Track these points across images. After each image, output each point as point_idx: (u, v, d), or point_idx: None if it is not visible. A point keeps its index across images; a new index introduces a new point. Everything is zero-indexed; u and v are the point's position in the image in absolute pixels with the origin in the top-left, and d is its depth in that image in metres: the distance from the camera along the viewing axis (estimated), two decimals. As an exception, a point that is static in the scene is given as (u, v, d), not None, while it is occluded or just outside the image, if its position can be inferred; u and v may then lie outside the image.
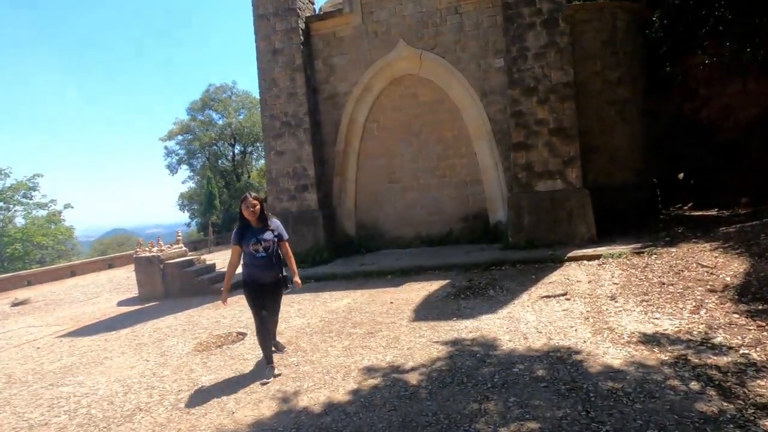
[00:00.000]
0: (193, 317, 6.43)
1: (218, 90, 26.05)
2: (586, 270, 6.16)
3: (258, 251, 3.68)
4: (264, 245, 3.70)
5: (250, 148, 27.66)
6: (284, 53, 9.68)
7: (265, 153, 10.46)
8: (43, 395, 4.01)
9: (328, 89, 10.05)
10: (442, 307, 5.26)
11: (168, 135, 26.41)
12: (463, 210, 9.53)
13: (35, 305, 9.45)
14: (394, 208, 10.00)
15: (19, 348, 5.81)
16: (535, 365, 3.32)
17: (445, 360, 3.65)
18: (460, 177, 9.54)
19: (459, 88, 9.23)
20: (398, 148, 9.91)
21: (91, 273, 14.10)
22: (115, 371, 4.43)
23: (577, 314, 4.37)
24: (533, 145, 8.14)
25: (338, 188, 10.15)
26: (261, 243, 3.68)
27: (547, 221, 7.94)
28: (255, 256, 3.69)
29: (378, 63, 9.69)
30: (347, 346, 4.30)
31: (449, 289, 6.15)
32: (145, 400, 3.63)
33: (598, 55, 9.08)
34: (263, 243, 3.70)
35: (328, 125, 10.11)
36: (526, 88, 8.11)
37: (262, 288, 3.77)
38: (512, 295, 5.38)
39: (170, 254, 8.60)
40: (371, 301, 6.00)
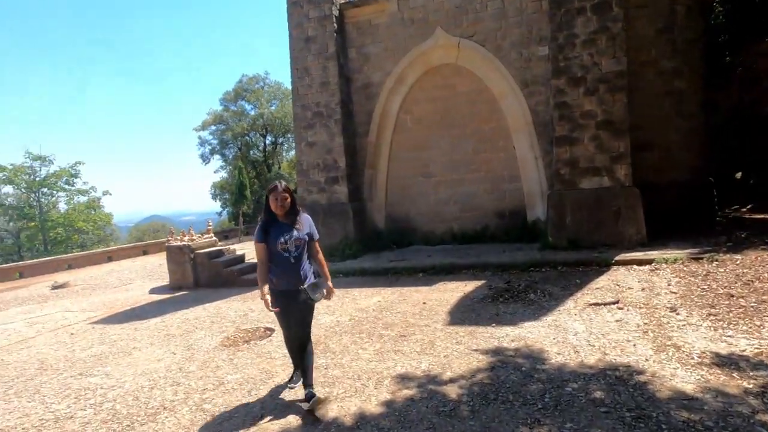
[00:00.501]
0: (221, 309, 6.35)
1: (251, 80, 26.27)
2: (638, 275, 5.67)
3: (287, 251, 3.02)
4: (294, 244, 3.04)
5: (281, 139, 27.81)
6: (317, 41, 9.46)
7: (295, 144, 10.33)
8: (72, 385, 3.96)
9: (361, 79, 9.77)
10: (479, 311, 4.93)
11: (202, 125, 26.90)
12: (499, 206, 9.09)
13: (73, 289, 9.71)
14: (426, 203, 9.66)
15: (54, 333, 5.88)
16: (591, 385, 2.96)
17: (486, 372, 3.34)
18: (497, 172, 9.09)
19: (498, 77, 8.75)
20: (432, 141, 9.54)
21: (126, 259, 14.49)
22: (143, 363, 4.35)
23: (633, 326, 3.95)
24: (578, 140, 7.60)
25: (369, 181, 9.90)
26: (290, 241, 3.03)
27: (591, 221, 7.42)
28: (282, 256, 3.02)
29: (413, 52, 9.33)
30: (378, 350, 4.05)
31: (486, 290, 5.80)
32: (170, 397, 3.49)
33: (652, 43, 8.37)
34: (293, 241, 3.04)
35: (361, 116, 9.84)
36: (572, 78, 7.56)
37: (289, 296, 3.07)
38: (556, 301, 4.98)
39: (200, 244, 8.60)
40: (402, 301, 5.73)
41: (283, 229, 3.06)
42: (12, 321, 6.87)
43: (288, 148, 28.85)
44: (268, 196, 3.08)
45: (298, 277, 3.08)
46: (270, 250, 3.06)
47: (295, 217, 3.10)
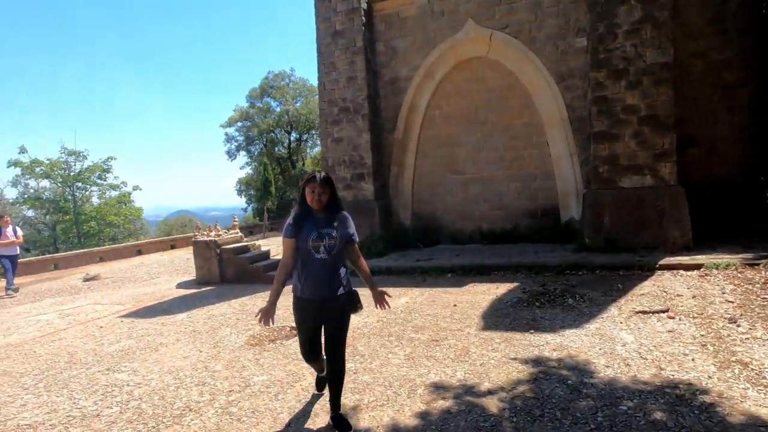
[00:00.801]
0: (247, 306, 6.28)
1: (277, 77, 26.45)
2: (686, 282, 5.28)
3: (319, 251, 2.60)
4: (328, 243, 2.60)
5: (306, 136, 27.93)
6: (344, 35, 9.30)
7: (321, 140, 10.21)
8: (99, 381, 3.92)
9: (388, 73, 9.57)
10: (514, 316, 4.67)
11: (228, 122, 27.28)
12: (531, 205, 8.74)
13: (104, 281, 9.90)
14: (454, 201, 9.39)
15: (84, 326, 5.94)
16: (648, 404, 2.68)
17: (528, 384, 3.10)
18: (529, 169, 8.74)
19: (532, 71, 8.39)
20: (461, 137, 9.26)
21: (155, 252, 14.75)
22: (169, 360, 4.29)
23: (689, 338, 3.62)
24: (618, 136, 7.18)
25: (395, 178, 9.70)
26: (324, 239, 2.59)
27: (631, 222, 7.01)
28: (313, 257, 2.60)
29: (443, 45, 9.06)
30: (410, 355, 3.85)
31: (519, 293, 5.52)
32: (195, 398, 3.39)
33: (701, 33, 7.84)
34: (327, 240, 2.60)
35: (388, 111, 9.64)
36: (613, 70, 7.15)
37: (318, 306, 2.64)
38: (598, 307, 4.66)
39: (226, 239, 8.60)
40: (432, 302, 5.51)
41: (317, 224, 2.62)
42: (46, 312, 7.00)
43: (312, 144, 28.94)
44: (305, 186, 2.65)
45: (329, 284, 2.63)
46: (299, 248, 2.64)
47: (333, 214, 2.67)
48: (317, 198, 2.61)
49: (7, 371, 4.38)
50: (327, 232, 2.63)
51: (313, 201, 2.62)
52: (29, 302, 8.05)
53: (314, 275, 2.62)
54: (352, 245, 2.76)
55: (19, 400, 3.66)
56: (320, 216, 2.67)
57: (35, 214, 23.03)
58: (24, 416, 3.35)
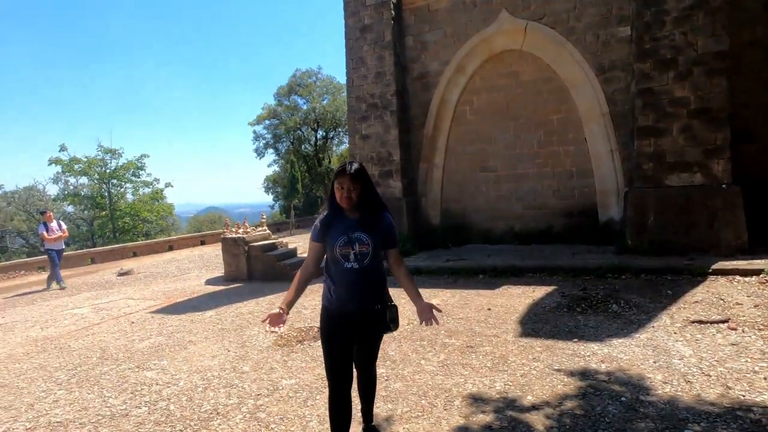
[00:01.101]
0: (275, 304, 6.20)
1: (304, 75, 26.59)
2: (745, 289, 4.85)
3: (348, 258, 2.16)
4: (358, 250, 2.16)
5: (332, 134, 28.00)
6: (373, 30, 9.13)
7: (348, 137, 10.09)
8: (129, 378, 3.90)
9: (418, 68, 9.33)
10: (554, 322, 4.39)
11: (256, 120, 27.64)
12: (567, 204, 8.35)
13: (137, 276, 10.11)
14: (484, 199, 9.09)
15: (117, 321, 6.01)
16: (719, 429, 2.39)
17: (577, 399, 2.84)
18: (565, 166, 8.34)
19: (570, 63, 7.99)
20: (493, 133, 8.94)
21: (185, 248, 15.05)
22: (197, 359, 4.24)
23: (757, 353, 3.27)
24: (665, 130, 6.72)
25: (424, 175, 9.47)
26: (354, 245, 2.16)
27: (678, 223, 6.55)
28: (342, 266, 2.18)
29: (475, 38, 8.75)
30: (443, 362, 3.65)
31: (558, 298, 5.22)
32: (223, 401, 3.30)
33: (758, 19, 7.26)
34: (357, 246, 2.16)
35: (417, 107, 9.42)
36: (660, 61, 6.69)
37: (348, 323, 2.22)
38: (646, 315, 4.32)
39: (255, 236, 8.60)
40: (464, 305, 5.28)
41: (348, 226, 2.18)
42: (81, 306, 7.16)
43: (338, 142, 29.02)
44: (334, 181, 2.21)
45: (361, 297, 2.20)
46: (328, 254, 2.24)
47: (368, 214, 2.21)
48: (347, 195, 2.14)
49: (43, 365, 4.44)
50: (358, 237, 2.16)
51: (342, 199, 2.16)
52: (66, 296, 8.28)
53: (344, 286, 2.19)
54: (391, 251, 2.30)
55: (52, 395, 3.67)
56: (352, 217, 2.20)
57: (74, 209, 24.00)
58: (56, 413, 3.35)
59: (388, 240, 2.27)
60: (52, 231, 8.98)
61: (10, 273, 11.49)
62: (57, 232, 9.04)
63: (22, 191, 26.25)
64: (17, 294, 8.89)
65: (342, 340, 2.24)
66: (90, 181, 22.65)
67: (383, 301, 2.27)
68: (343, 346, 2.25)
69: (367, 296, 2.22)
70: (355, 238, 2.18)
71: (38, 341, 5.30)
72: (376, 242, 2.20)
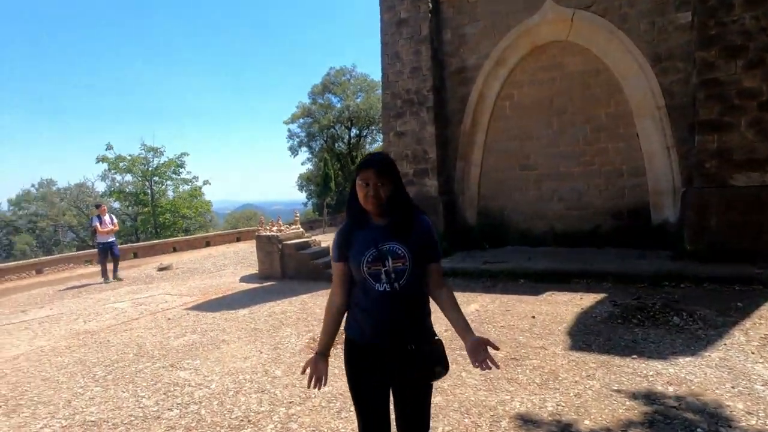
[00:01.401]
0: (307, 304, 6.11)
1: (338, 73, 26.68)
2: (831, 303, 4.28)
3: (379, 278, 1.63)
4: (392, 266, 1.63)
5: (365, 132, 27.96)
6: (410, 24, 8.87)
7: (383, 134, 9.89)
8: (163, 377, 3.87)
9: (455, 62, 9.00)
10: (607, 335, 4.01)
11: (291, 118, 27.99)
12: (615, 204, 7.80)
13: (175, 272, 10.34)
14: (524, 199, 8.66)
15: (154, 317, 6.08)
16: (826, 476, 2.01)
17: (643, 428, 2.51)
18: (614, 164, 7.79)
19: (621, 53, 7.44)
20: (534, 130, 8.49)
21: (221, 245, 15.35)
22: (229, 360, 4.16)
23: None
24: (732, 125, 6.11)
25: (461, 174, 9.14)
26: (386, 261, 1.63)
27: (746, 227, 5.94)
28: (371, 289, 1.65)
29: (516, 30, 8.32)
30: (486, 375, 3.38)
31: (609, 307, 4.81)
32: (254, 407, 3.18)
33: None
34: (390, 260, 1.63)
35: (454, 103, 9.09)
36: (727, 48, 6.08)
37: (381, 362, 1.67)
38: (716, 330, 3.88)
39: (288, 234, 8.57)
40: (505, 312, 4.96)
41: (375, 236, 1.64)
42: (122, 300, 7.33)
43: (372, 140, 28.93)
44: (356, 177, 1.68)
45: (396, 330, 1.64)
46: (355, 276, 1.69)
47: (399, 218, 1.66)
48: (373, 194, 1.61)
49: (82, 359, 4.50)
50: (391, 249, 1.62)
51: (367, 199, 1.62)
52: (110, 289, 8.54)
53: (374, 315, 1.65)
54: (432, 265, 1.71)
55: (89, 392, 3.67)
56: (379, 223, 1.67)
57: (120, 206, 25.14)
58: (91, 411, 3.33)
59: (428, 250, 1.68)
60: (105, 224, 9.31)
61: (61, 266, 12.05)
62: (109, 226, 9.37)
63: (73, 188, 27.79)
64: (72, 287, 9.26)
65: (373, 386, 1.69)
66: (134, 178, 23.68)
67: (425, 336, 1.68)
68: (376, 393, 1.70)
69: (404, 329, 1.64)
70: (386, 250, 1.62)
71: (80, 335, 5.42)
72: (415, 254, 1.64)
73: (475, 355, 1.55)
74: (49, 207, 27.39)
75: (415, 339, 1.63)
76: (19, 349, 4.99)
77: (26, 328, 5.91)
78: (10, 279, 10.53)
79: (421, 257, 1.67)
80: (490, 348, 1.57)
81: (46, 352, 4.81)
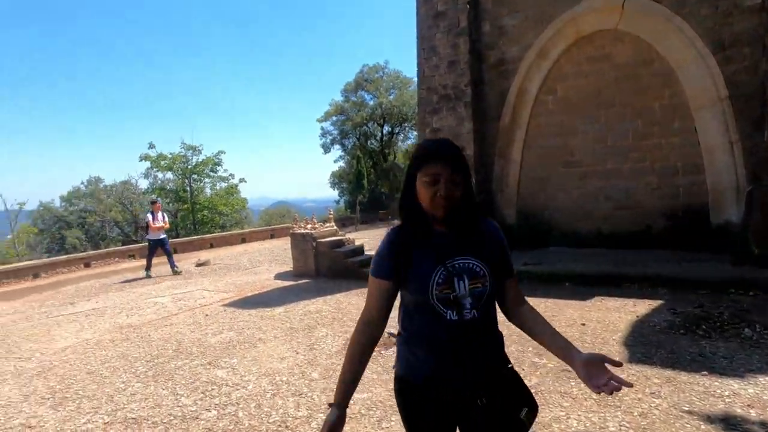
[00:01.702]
0: (342, 304, 6.02)
1: (371, 70, 26.60)
2: None
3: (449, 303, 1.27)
4: (470, 287, 1.27)
5: (398, 129, 27.77)
6: (447, 16, 8.61)
7: (418, 131, 9.69)
8: (201, 376, 3.85)
9: (494, 55, 8.66)
10: (670, 346, 3.67)
11: (324, 116, 28.17)
12: (669, 204, 7.28)
13: (213, 267, 10.55)
14: (568, 197, 8.24)
15: (192, 312, 6.16)
16: None
17: (725, 458, 2.22)
18: (668, 161, 7.27)
19: (679, 41, 6.90)
20: (579, 125, 8.05)
21: (256, 241, 15.61)
22: (266, 360, 4.11)
23: None
24: (808, 116, 5.53)
25: (499, 171, 8.80)
26: (460, 281, 1.26)
27: (825, 229, 5.36)
28: (439, 319, 1.28)
29: (560, 19, 7.91)
30: (536, 387, 3.14)
31: (668, 315, 4.43)
32: (292, 412, 3.08)
33: None
34: (466, 280, 1.27)
35: (492, 98, 8.76)
36: (804, 31, 5.50)
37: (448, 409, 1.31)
38: (797, 345, 3.46)
39: (323, 232, 8.53)
40: (551, 318, 4.67)
41: (443, 248, 1.29)
42: (162, 295, 7.50)
43: (404, 138, 28.71)
44: (416, 172, 1.29)
45: (473, 366, 1.29)
46: (411, 299, 1.33)
47: (470, 224, 1.33)
48: (444, 194, 1.23)
49: (124, 354, 4.58)
50: (465, 266, 1.28)
51: (436, 201, 1.24)
52: (151, 284, 8.79)
53: (442, 351, 1.29)
54: (509, 282, 1.37)
55: (130, 388, 3.70)
56: (445, 231, 1.31)
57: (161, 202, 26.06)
58: (132, 407, 3.34)
59: (503, 264, 1.35)
60: (157, 221, 9.65)
61: (107, 259, 12.58)
62: (160, 223, 9.69)
63: (119, 185, 29.11)
64: (122, 281, 9.61)
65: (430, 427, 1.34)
66: (174, 176, 24.53)
67: (503, 366, 1.36)
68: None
69: (482, 365, 1.29)
70: (460, 267, 1.27)
71: (123, 328, 5.54)
72: (493, 270, 1.31)
73: (593, 378, 1.13)
74: (97, 203, 28.86)
75: (492, 381, 1.30)
76: (67, 341, 5.15)
77: (74, 321, 6.12)
78: (62, 272, 11.07)
79: (499, 273, 1.33)
80: (609, 365, 1.14)
81: (92, 345, 4.94)
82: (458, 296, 1.26)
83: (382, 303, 1.34)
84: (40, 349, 4.94)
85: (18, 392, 3.78)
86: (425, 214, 1.30)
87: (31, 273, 10.44)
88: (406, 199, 1.33)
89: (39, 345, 5.09)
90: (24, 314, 6.81)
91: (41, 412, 3.37)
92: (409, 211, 1.32)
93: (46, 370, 4.26)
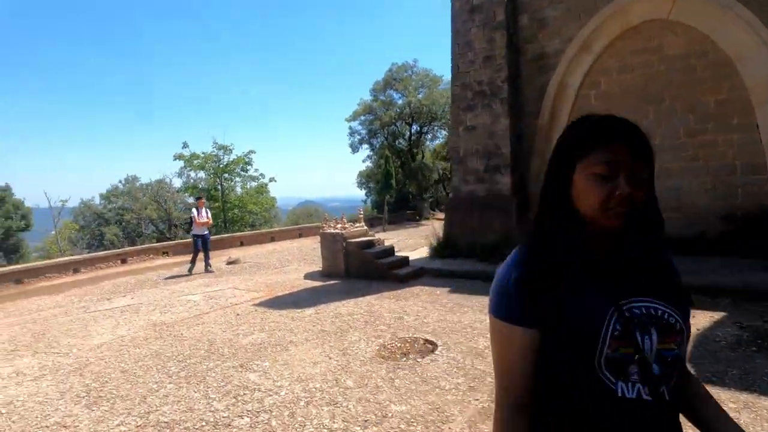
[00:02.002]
0: (374, 306, 5.84)
1: (400, 69, 26.34)
2: None
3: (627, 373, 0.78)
4: (657, 347, 0.79)
5: (426, 128, 27.42)
6: (483, 10, 8.31)
7: (451, 128, 9.42)
8: (233, 379, 3.75)
9: (533, 49, 8.30)
10: (742, 365, 3.30)
11: (352, 115, 28.14)
12: (726, 206, 6.75)
13: (243, 266, 10.61)
14: (611, 199, 7.77)
15: (223, 311, 6.13)
16: None
17: (832, 504, 1.90)
18: (725, 159, 6.74)
19: (738, 30, 6.38)
20: (624, 121, 7.57)
21: (285, 240, 15.69)
22: (298, 365, 3.97)
23: None
24: None
25: (536, 171, 8.42)
26: (647, 337, 0.79)
27: None
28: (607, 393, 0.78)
29: (605, 10, 7.49)
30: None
31: (734, 329, 4.03)
32: (327, 422, 2.92)
33: None
34: (656, 337, 0.80)
35: (530, 93, 8.40)
36: None
37: None
38: None
39: (353, 233, 8.39)
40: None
41: (616, 285, 0.82)
42: (194, 293, 7.55)
43: (432, 137, 28.34)
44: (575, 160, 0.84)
45: None
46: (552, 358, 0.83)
47: (656, 250, 0.89)
48: (625, 192, 0.77)
49: (158, 353, 4.55)
50: (655, 313, 0.82)
51: (610, 203, 0.79)
52: (184, 281, 8.89)
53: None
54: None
55: (163, 389, 3.64)
56: (612, 254, 0.85)
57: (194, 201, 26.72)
58: (164, 410, 3.27)
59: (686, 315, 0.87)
60: (201, 216, 9.83)
61: (142, 256, 12.90)
62: (204, 218, 9.86)
63: (154, 183, 30.05)
64: (164, 278, 9.80)
65: None
66: (206, 175, 25.05)
67: None
68: None
69: None
70: (643, 314, 0.82)
71: (156, 326, 5.55)
72: (686, 325, 0.86)
73: None
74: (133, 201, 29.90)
75: None
76: (102, 338, 5.19)
77: (110, 317, 6.20)
78: (100, 267, 11.40)
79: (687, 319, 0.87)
80: None
81: (126, 343, 4.95)
82: (644, 359, 0.78)
83: (528, 368, 0.85)
84: (77, 344, 5.00)
85: (55, 389, 3.79)
86: (583, 223, 0.84)
87: (72, 268, 10.78)
88: (552, 199, 0.87)
89: (76, 340, 5.15)
90: (64, 308, 6.97)
91: (76, 411, 3.34)
92: (562, 221, 0.85)
93: (83, 366, 4.27)
